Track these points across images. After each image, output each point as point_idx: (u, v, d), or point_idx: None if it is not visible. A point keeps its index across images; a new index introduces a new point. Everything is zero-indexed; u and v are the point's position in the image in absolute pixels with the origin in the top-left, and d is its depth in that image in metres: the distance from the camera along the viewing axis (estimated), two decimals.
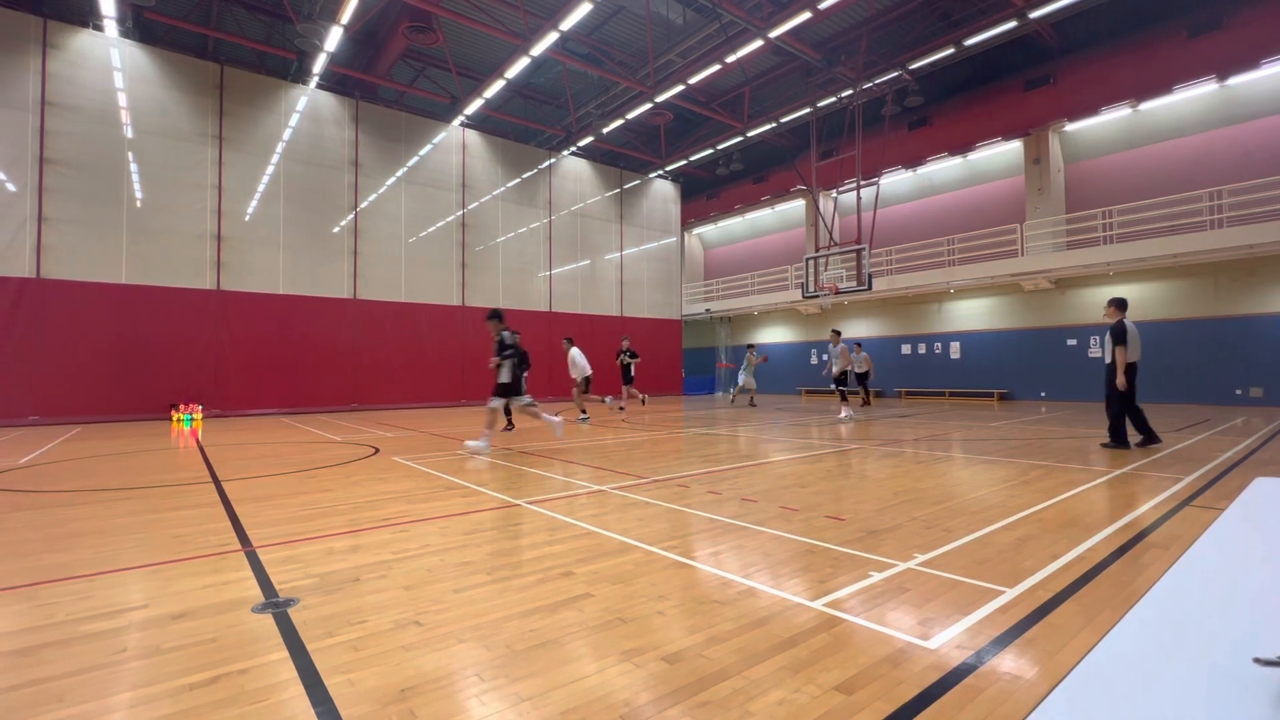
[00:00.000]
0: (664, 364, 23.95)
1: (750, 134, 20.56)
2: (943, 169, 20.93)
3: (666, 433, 10.32)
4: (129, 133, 13.77)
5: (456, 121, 18.55)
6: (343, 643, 2.28)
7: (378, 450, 8.09)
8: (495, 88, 16.46)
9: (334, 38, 13.66)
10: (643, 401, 15.47)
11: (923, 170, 21.16)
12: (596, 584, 2.89)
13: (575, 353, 12.07)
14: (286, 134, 15.82)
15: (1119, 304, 7.57)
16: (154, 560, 3.37)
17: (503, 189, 19.91)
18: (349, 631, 2.38)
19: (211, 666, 2.11)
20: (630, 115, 18.40)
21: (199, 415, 13.76)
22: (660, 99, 17.25)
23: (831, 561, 3.22)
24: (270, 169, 15.57)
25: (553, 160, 21.12)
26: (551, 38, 14.05)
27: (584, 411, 12.41)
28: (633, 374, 14.30)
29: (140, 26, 14.49)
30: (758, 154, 24.93)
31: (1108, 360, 7.49)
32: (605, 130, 19.42)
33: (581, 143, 20.60)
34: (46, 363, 12.71)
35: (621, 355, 14.15)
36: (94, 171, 13.36)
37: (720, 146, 21.87)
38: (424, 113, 18.59)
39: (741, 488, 5.30)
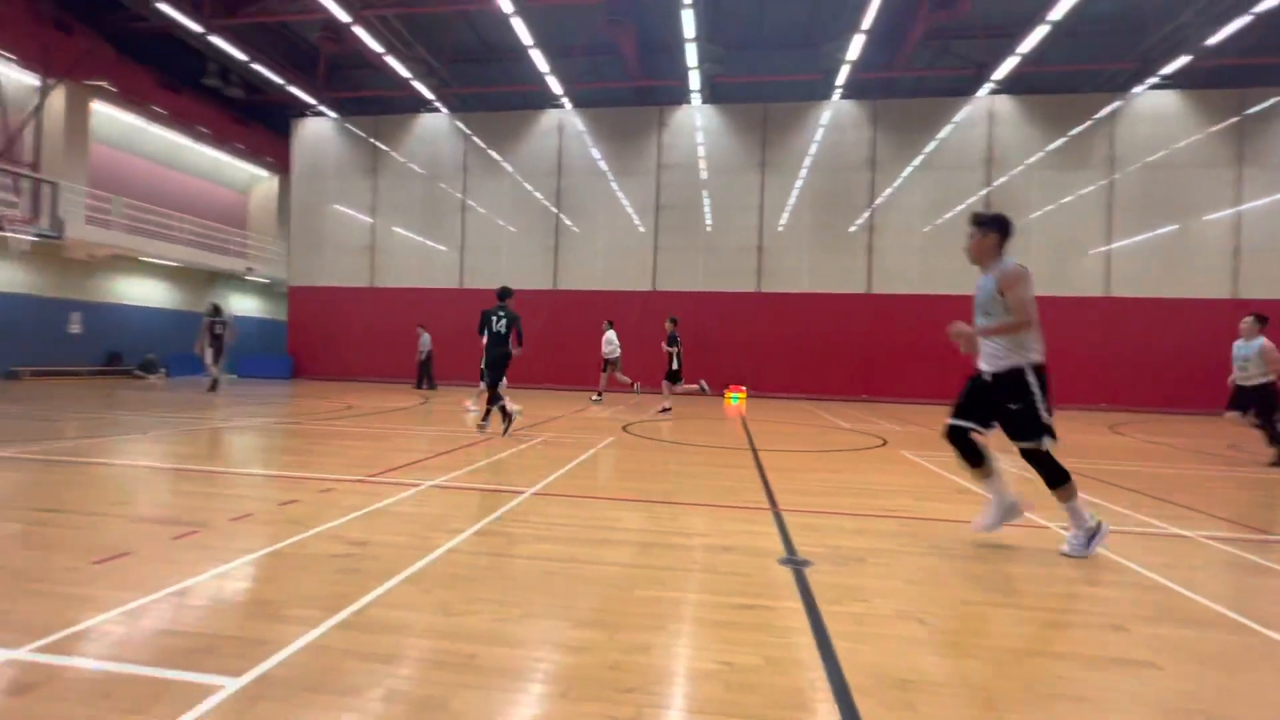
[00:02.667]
0: None
1: None
2: None
3: None
4: (704, 175, 18.08)
5: (982, 91, 16.75)
6: (848, 613, 2.44)
7: (885, 442, 8.19)
8: (1034, 37, 14.04)
9: (856, 46, 14.36)
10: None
11: None
12: (1166, 654, 2.18)
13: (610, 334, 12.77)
14: (812, 149, 17.67)
15: None
16: (711, 502, 4.38)
17: (1040, 154, 16.90)
18: (853, 605, 2.53)
19: (747, 595, 2.61)
20: (1257, 8, 12.66)
21: (744, 394, 16.88)
22: None
23: None
24: (799, 183, 17.73)
25: (1118, 103, 16.61)
26: None
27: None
28: (674, 365, 11.24)
29: (709, 89, 18.66)
30: None
31: None
32: (1210, 41, 13.96)
33: (1167, 70, 15.43)
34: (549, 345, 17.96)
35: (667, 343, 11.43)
36: (683, 210, 18.13)
37: None
38: (944, 92, 17.53)
39: None
